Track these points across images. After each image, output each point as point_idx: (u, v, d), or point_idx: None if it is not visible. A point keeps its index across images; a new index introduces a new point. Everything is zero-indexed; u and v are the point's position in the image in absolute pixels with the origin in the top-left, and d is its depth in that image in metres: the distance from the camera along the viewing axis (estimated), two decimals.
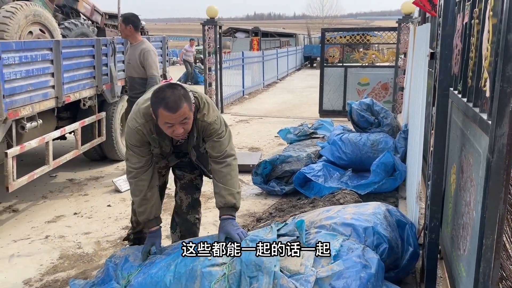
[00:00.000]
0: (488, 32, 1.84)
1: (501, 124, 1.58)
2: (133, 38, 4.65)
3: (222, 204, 2.47)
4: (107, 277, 2.49)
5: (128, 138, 2.48)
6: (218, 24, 9.46)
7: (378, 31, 10.31)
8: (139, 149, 2.47)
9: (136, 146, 2.46)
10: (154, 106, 2.26)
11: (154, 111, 2.26)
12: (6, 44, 3.47)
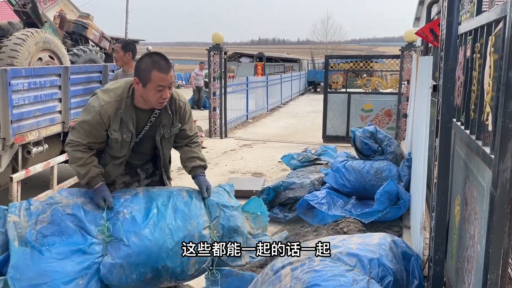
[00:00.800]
0: (490, 68, 1.88)
1: (503, 159, 1.60)
2: (129, 66, 4.47)
3: (196, 165, 2.84)
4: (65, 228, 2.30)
5: (84, 116, 2.45)
6: (223, 50, 9.62)
7: (381, 59, 10.45)
8: (90, 128, 2.43)
9: (89, 124, 2.43)
10: (147, 69, 2.33)
11: (146, 75, 2.33)
12: (16, 70, 3.55)
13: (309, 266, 2.26)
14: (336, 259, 2.39)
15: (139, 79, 2.38)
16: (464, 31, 2.48)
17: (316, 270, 2.20)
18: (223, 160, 7.58)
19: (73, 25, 5.52)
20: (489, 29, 1.94)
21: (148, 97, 2.42)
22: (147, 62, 2.37)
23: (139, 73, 2.37)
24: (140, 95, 2.45)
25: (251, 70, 25.75)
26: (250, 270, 3.32)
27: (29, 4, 4.62)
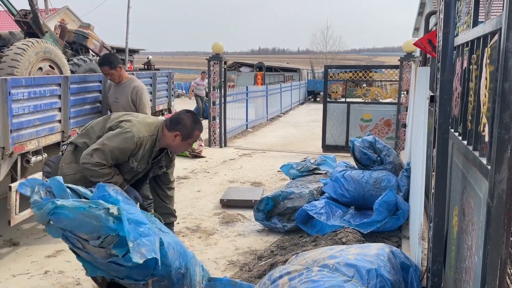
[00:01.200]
0: (486, 79, 1.89)
1: (500, 170, 1.60)
2: (123, 77, 4.51)
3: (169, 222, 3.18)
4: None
5: (118, 142, 2.70)
6: (223, 59, 9.67)
7: (380, 69, 10.49)
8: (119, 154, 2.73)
9: (121, 151, 2.72)
10: (191, 128, 2.86)
11: (190, 133, 2.86)
12: (16, 80, 3.57)
13: (307, 276, 2.25)
14: (334, 270, 2.38)
15: (182, 134, 2.86)
16: (461, 43, 2.50)
17: (314, 280, 2.20)
18: (222, 170, 7.58)
19: (73, 35, 5.56)
20: (485, 41, 1.96)
21: (180, 147, 2.95)
22: (191, 122, 2.89)
23: (184, 129, 2.85)
24: (171, 144, 2.90)
25: (251, 79, 25.84)
26: (248, 280, 3.31)
27: (30, 14, 4.66)
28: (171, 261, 2.54)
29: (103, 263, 2.37)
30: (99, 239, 2.26)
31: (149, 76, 6.39)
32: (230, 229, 4.77)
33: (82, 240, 2.31)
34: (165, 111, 7.27)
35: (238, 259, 3.98)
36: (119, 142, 2.71)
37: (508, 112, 1.56)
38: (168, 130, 2.88)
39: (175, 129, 2.86)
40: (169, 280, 2.56)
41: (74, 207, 2.24)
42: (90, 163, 2.69)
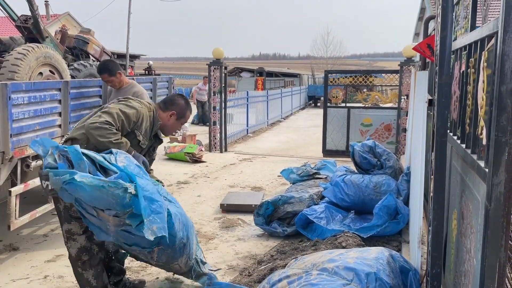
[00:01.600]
0: (483, 82, 1.90)
1: (497, 173, 1.61)
2: (124, 82, 4.54)
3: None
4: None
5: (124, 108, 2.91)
6: (223, 64, 9.70)
7: (381, 73, 10.51)
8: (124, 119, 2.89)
9: (126, 116, 2.89)
10: (185, 108, 3.20)
11: (183, 112, 3.19)
12: (16, 85, 3.58)
13: (306, 279, 2.25)
14: (333, 273, 2.38)
15: (177, 113, 3.17)
16: (459, 47, 2.51)
17: (313, 284, 2.20)
18: (223, 174, 7.58)
19: (74, 40, 5.58)
20: (482, 44, 1.97)
21: (173, 127, 3.23)
22: (184, 103, 3.22)
23: (179, 110, 3.17)
24: (166, 124, 3.18)
25: (252, 84, 25.88)
26: (248, 285, 3.30)
27: (31, 19, 4.68)
28: (177, 231, 2.73)
29: (113, 230, 2.50)
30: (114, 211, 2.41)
31: (149, 81, 6.41)
32: (230, 233, 4.76)
33: (98, 209, 2.45)
34: None
35: (238, 263, 3.98)
36: (125, 108, 2.91)
37: (505, 115, 1.56)
38: (162, 110, 3.16)
39: (170, 109, 3.16)
40: (172, 249, 2.76)
41: (95, 184, 2.34)
42: (99, 122, 2.78)
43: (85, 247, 2.84)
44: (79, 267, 2.88)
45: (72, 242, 2.85)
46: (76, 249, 2.84)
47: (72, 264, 2.93)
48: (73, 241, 2.85)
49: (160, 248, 2.67)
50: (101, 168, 2.55)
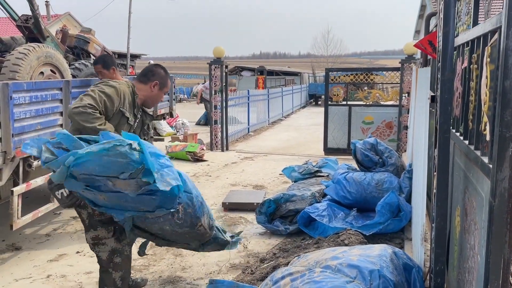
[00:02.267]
0: (486, 78, 1.89)
1: (501, 168, 1.60)
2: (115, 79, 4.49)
3: None
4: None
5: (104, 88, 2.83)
6: (224, 63, 9.69)
7: (381, 71, 10.49)
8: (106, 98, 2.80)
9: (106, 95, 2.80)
10: (165, 77, 3.13)
11: (165, 81, 3.13)
12: (18, 84, 3.58)
13: (309, 277, 2.24)
14: (336, 271, 2.37)
15: (160, 83, 3.10)
16: (462, 43, 2.50)
17: (316, 281, 2.19)
18: (224, 173, 7.58)
19: (75, 40, 5.57)
20: (485, 39, 1.96)
21: (157, 97, 3.15)
22: (164, 71, 3.17)
23: (161, 79, 3.11)
24: (150, 95, 3.11)
25: (252, 83, 25.86)
26: (251, 283, 3.30)
27: (31, 19, 4.68)
28: (191, 188, 2.72)
29: (133, 200, 2.40)
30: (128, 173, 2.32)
31: None
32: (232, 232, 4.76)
33: (112, 178, 2.32)
34: (166, 115, 7.29)
35: (240, 261, 3.97)
36: (105, 89, 2.83)
37: (509, 110, 1.56)
38: (144, 83, 3.10)
39: (152, 80, 3.11)
40: (192, 207, 2.70)
41: (99, 149, 2.25)
42: (81, 106, 2.66)
43: (116, 249, 2.81)
44: (110, 267, 2.83)
45: (101, 246, 2.80)
46: (107, 252, 2.80)
47: (103, 266, 2.86)
48: (102, 246, 2.80)
49: (182, 206, 2.62)
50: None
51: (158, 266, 3.86)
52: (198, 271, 3.76)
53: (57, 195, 2.61)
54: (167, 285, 3.51)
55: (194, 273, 3.71)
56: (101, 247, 2.79)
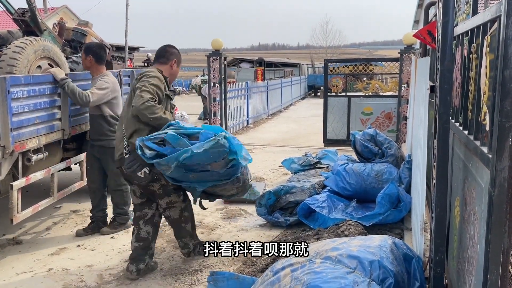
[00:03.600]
0: (486, 68, 1.88)
1: (501, 158, 1.59)
2: (94, 70, 4.28)
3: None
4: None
5: (152, 80, 3.37)
6: (223, 55, 9.64)
7: (380, 62, 10.45)
8: (157, 89, 3.37)
9: (156, 86, 3.37)
10: (179, 54, 3.76)
11: (179, 58, 3.74)
12: (15, 78, 3.56)
13: (310, 267, 2.25)
14: (336, 261, 2.38)
15: (177, 60, 3.70)
16: (461, 32, 2.48)
17: (317, 271, 2.20)
18: None
19: (72, 33, 5.53)
20: (485, 29, 1.95)
21: (176, 73, 3.74)
22: (177, 49, 3.76)
23: (177, 56, 3.70)
24: (172, 73, 3.68)
25: (251, 75, 25.80)
26: (251, 274, 3.31)
27: (28, 12, 4.64)
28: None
29: (219, 174, 3.27)
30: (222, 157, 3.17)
31: None
32: (232, 224, 4.77)
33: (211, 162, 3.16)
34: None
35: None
36: (152, 81, 3.36)
37: (509, 99, 1.55)
38: (165, 64, 3.63)
39: (171, 59, 3.66)
40: (246, 170, 3.61)
41: (209, 147, 3.05)
42: (145, 101, 3.22)
43: (185, 207, 3.62)
44: (182, 222, 3.63)
45: (172, 209, 3.56)
46: (178, 211, 3.57)
47: (174, 225, 3.68)
48: (173, 208, 3.56)
49: (243, 171, 3.50)
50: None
51: (159, 258, 3.88)
52: (199, 263, 3.77)
53: (140, 174, 3.30)
54: (168, 277, 3.52)
55: (194, 265, 3.73)
56: (172, 210, 3.55)
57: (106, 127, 4.26)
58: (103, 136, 4.26)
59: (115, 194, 4.47)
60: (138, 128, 3.33)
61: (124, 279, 3.50)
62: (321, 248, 2.56)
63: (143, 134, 3.27)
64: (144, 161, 3.19)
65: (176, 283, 3.43)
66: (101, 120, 4.26)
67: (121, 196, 4.46)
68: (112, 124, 4.28)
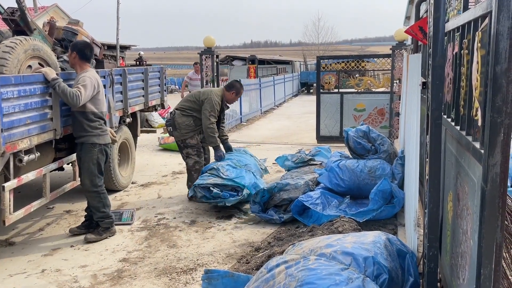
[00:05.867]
0: (477, 63, 1.89)
1: (493, 154, 1.60)
2: (78, 67, 4.31)
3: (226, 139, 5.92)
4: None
5: (215, 98, 5.41)
6: (215, 53, 9.61)
7: (373, 58, 10.47)
8: (218, 107, 5.46)
9: (218, 104, 5.45)
10: (239, 88, 5.66)
11: (239, 90, 5.66)
12: (5, 78, 3.52)
13: (304, 264, 2.25)
14: (331, 258, 2.39)
15: (236, 92, 5.63)
16: (452, 28, 2.49)
17: (311, 268, 2.20)
18: None
19: (62, 32, 5.46)
20: (476, 24, 1.96)
21: (233, 100, 5.74)
22: (239, 85, 5.72)
23: (237, 89, 5.65)
24: (229, 98, 5.65)
25: (244, 73, 25.73)
26: (246, 272, 3.31)
27: (18, 12, 4.58)
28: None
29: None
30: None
31: (141, 72, 6.35)
32: (226, 222, 4.77)
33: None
34: (158, 107, 7.24)
35: (235, 251, 3.99)
36: (216, 99, 5.40)
37: (500, 95, 1.55)
38: (227, 91, 5.59)
39: (232, 90, 5.60)
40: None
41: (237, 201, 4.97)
42: (211, 123, 5.33)
43: (198, 161, 5.51)
44: (193, 171, 5.49)
45: (189, 159, 5.51)
46: (192, 162, 5.50)
47: (188, 169, 5.58)
48: (190, 159, 5.50)
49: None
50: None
51: (153, 258, 3.87)
52: (193, 261, 3.77)
53: (169, 130, 5.59)
54: (162, 276, 3.52)
55: (189, 264, 3.72)
56: (189, 159, 5.51)
57: (86, 123, 4.20)
58: (83, 132, 4.24)
59: (92, 197, 4.34)
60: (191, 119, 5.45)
61: (118, 279, 3.49)
62: (315, 245, 2.57)
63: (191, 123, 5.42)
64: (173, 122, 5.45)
65: (171, 282, 3.42)
66: (82, 116, 4.21)
67: (98, 198, 4.33)
68: (93, 121, 4.24)
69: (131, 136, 6.27)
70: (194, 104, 5.46)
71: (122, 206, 5.33)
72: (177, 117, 5.42)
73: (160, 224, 4.71)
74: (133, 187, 6.19)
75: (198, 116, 5.39)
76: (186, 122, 5.39)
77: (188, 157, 5.49)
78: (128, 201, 5.55)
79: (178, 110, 5.51)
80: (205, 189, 4.87)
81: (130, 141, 6.24)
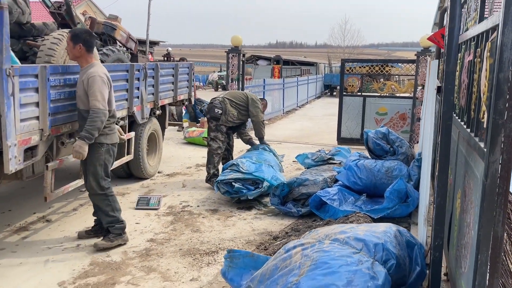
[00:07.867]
0: (486, 71, 2.09)
1: (494, 151, 1.81)
2: (83, 60, 3.83)
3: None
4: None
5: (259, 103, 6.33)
6: (241, 52, 9.88)
7: (397, 63, 10.57)
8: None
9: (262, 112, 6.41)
10: (265, 104, 6.68)
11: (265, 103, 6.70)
12: (54, 67, 3.85)
13: (319, 247, 2.49)
14: (344, 243, 2.61)
15: (264, 105, 6.56)
16: (469, 37, 2.68)
17: (325, 250, 2.44)
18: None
19: (102, 27, 5.83)
20: (487, 35, 2.16)
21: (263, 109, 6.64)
22: (265, 102, 6.79)
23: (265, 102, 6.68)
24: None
25: (268, 72, 25.98)
26: (266, 254, 3.55)
27: (64, 6, 4.94)
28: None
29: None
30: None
31: (171, 67, 6.67)
32: (247, 212, 5.02)
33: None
34: (185, 101, 7.55)
35: (255, 239, 4.24)
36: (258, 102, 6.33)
37: (502, 99, 1.76)
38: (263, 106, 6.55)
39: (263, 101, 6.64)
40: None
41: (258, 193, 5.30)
42: (261, 119, 6.36)
43: (220, 147, 6.09)
44: (214, 154, 6.04)
45: (215, 142, 6.07)
46: (216, 146, 6.06)
47: (210, 152, 6.09)
48: (215, 142, 6.07)
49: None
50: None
51: (179, 240, 4.15)
52: (215, 245, 4.04)
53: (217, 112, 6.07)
54: (186, 256, 3.80)
55: (211, 247, 3.99)
56: (214, 142, 6.06)
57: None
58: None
59: (99, 200, 3.96)
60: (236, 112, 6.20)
61: (146, 256, 3.79)
62: (330, 231, 2.80)
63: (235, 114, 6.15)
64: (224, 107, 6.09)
65: (194, 261, 3.70)
66: (87, 115, 3.76)
67: (107, 201, 3.96)
68: None
69: (159, 127, 6.59)
70: (241, 100, 6.22)
71: (149, 193, 5.64)
72: (228, 105, 6.09)
73: (184, 210, 5.00)
74: (159, 176, 6.51)
75: (241, 111, 6.19)
76: (233, 112, 6.11)
77: (214, 140, 6.06)
78: (154, 188, 5.87)
79: (228, 100, 6.14)
80: (227, 184, 5.14)
81: (158, 132, 6.56)
